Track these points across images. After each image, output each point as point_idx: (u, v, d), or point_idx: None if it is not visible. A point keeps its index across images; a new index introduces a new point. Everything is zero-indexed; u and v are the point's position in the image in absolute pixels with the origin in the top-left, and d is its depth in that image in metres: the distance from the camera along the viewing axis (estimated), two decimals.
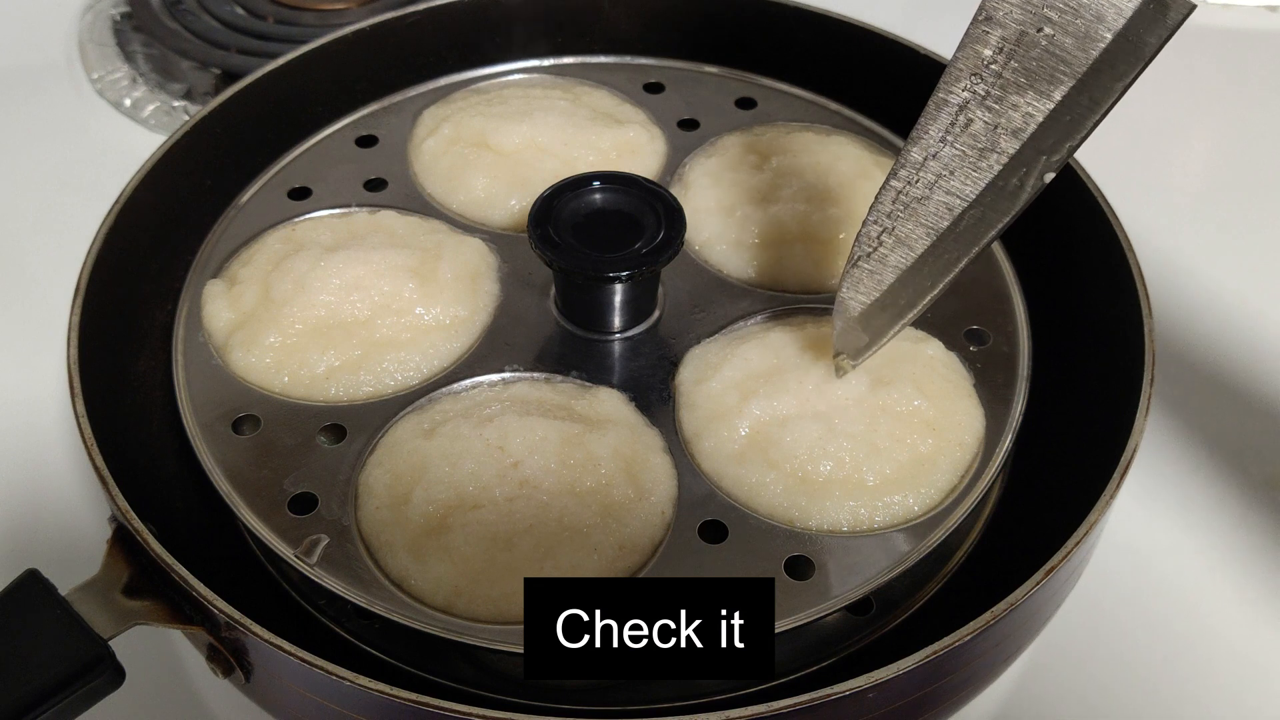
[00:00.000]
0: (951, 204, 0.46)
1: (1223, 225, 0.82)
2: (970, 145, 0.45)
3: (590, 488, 0.51)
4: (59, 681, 0.45)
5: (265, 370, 0.56)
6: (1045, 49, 0.42)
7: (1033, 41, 0.42)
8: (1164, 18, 0.41)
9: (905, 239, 0.48)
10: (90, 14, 0.94)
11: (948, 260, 0.48)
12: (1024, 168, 0.44)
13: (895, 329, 0.51)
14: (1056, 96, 0.43)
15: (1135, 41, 0.41)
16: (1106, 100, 0.42)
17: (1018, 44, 0.42)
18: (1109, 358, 0.57)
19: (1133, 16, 0.41)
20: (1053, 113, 0.43)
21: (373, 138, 0.68)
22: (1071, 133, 0.43)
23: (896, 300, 0.49)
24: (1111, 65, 0.42)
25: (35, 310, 0.75)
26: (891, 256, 0.48)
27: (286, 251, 0.60)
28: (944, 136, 0.45)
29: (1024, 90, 0.43)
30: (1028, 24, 0.42)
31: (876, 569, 0.50)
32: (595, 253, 0.55)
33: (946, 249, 0.47)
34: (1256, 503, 0.65)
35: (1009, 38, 0.43)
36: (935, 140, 0.45)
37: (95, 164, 0.83)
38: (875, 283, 0.49)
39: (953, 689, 0.49)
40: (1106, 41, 0.41)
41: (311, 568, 0.49)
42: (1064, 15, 0.42)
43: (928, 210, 0.47)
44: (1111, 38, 0.41)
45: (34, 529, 0.64)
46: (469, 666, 0.50)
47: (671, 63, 0.73)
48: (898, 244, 0.48)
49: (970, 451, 0.54)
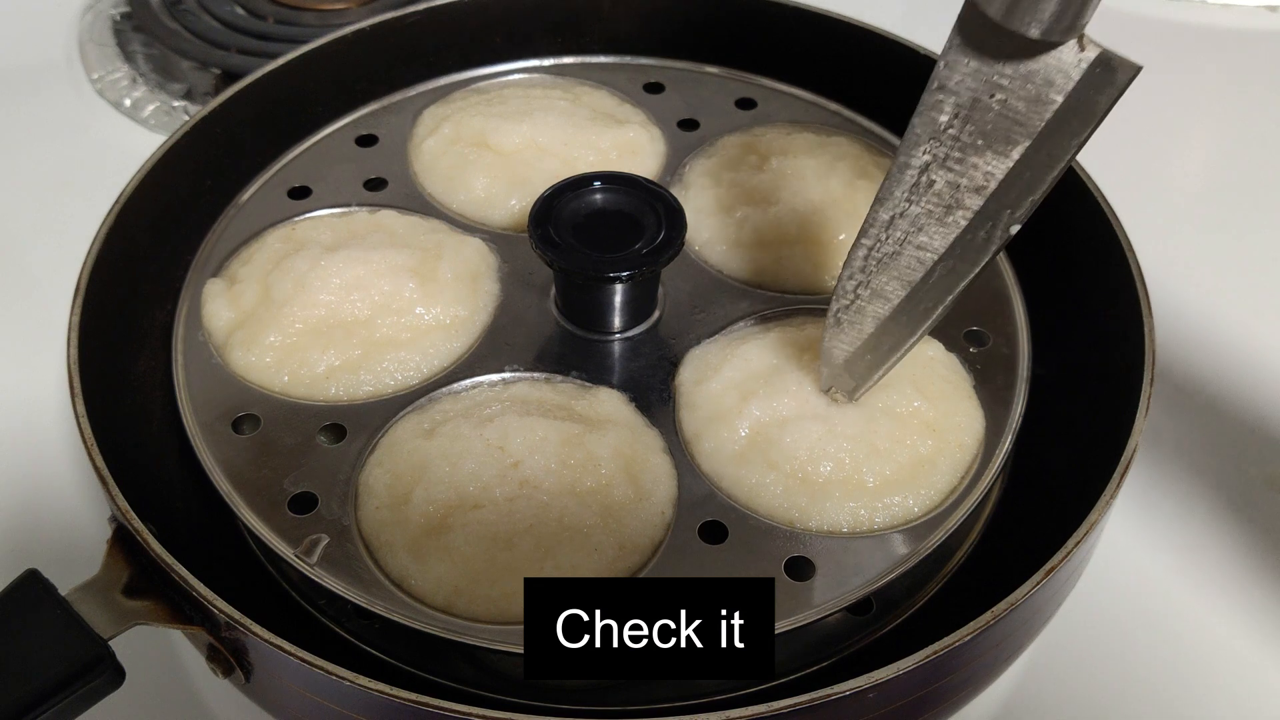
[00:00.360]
0: (923, 257, 0.47)
1: (1223, 225, 0.82)
2: (935, 203, 0.46)
3: (590, 488, 0.51)
4: (59, 681, 0.45)
5: (265, 369, 0.56)
6: (999, 113, 0.43)
7: (986, 106, 0.43)
8: (1112, 79, 0.42)
9: (881, 291, 0.49)
10: (90, 14, 0.94)
11: (925, 308, 0.49)
12: (990, 221, 0.45)
13: (880, 372, 0.52)
14: (1014, 155, 0.44)
15: (1086, 102, 0.42)
16: (1064, 156, 0.43)
17: (972, 109, 0.44)
18: (1109, 358, 0.57)
19: (1080, 80, 0.42)
20: (1012, 170, 0.44)
21: (373, 137, 0.68)
22: (1033, 188, 0.44)
23: (879, 346, 0.51)
24: (1065, 124, 0.43)
25: (35, 310, 0.75)
26: (869, 308, 0.50)
27: (286, 251, 0.60)
28: (909, 196, 0.46)
29: (982, 151, 0.44)
30: (980, 91, 0.43)
31: (876, 570, 0.50)
32: (596, 253, 0.55)
33: (922, 299, 0.48)
34: (1256, 504, 0.65)
35: (963, 104, 0.44)
36: (901, 200, 0.46)
37: (95, 164, 0.83)
38: (856, 332, 0.51)
39: (953, 689, 0.49)
40: (1057, 104, 0.43)
41: (311, 567, 0.49)
42: (1014, 81, 0.43)
43: (900, 264, 0.48)
44: (1062, 100, 0.42)
45: (34, 529, 0.64)
46: (469, 666, 0.50)
47: (672, 63, 0.73)
48: (874, 296, 0.49)
49: (970, 453, 0.54)
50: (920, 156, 0.45)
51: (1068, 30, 0.41)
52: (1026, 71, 0.42)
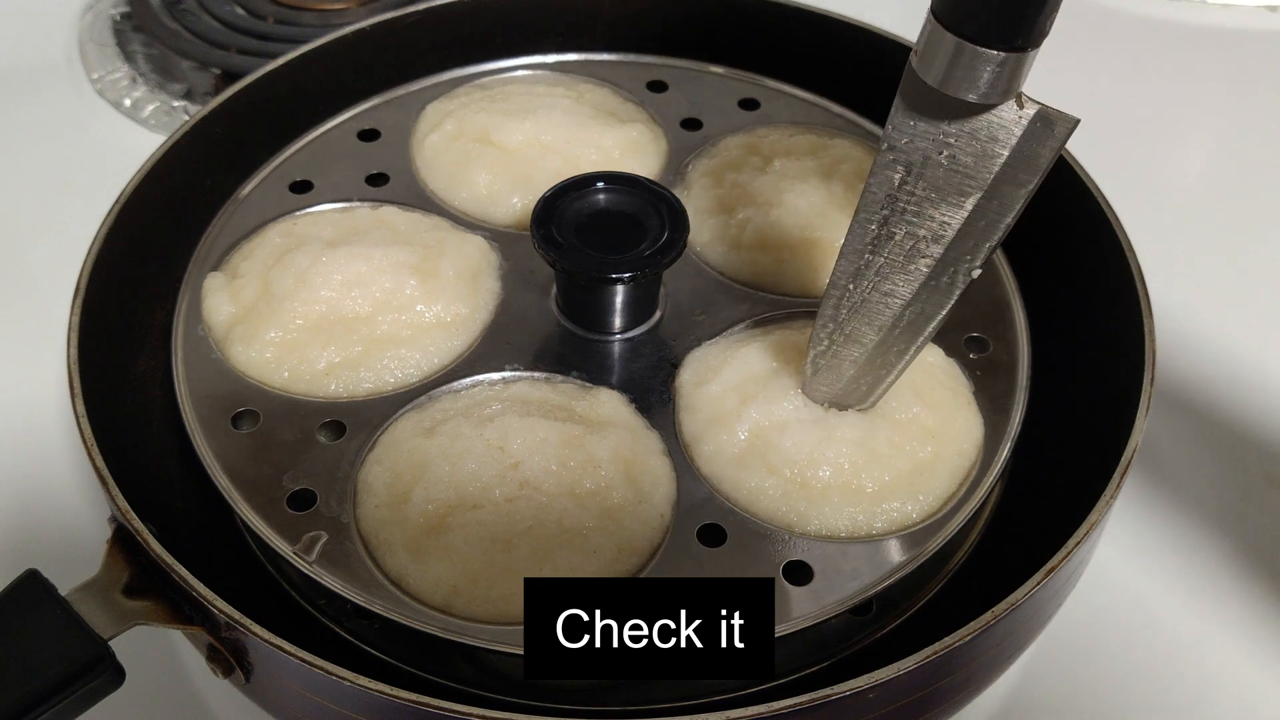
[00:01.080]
0: (890, 303, 0.49)
1: (1223, 225, 0.81)
2: (896, 253, 0.48)
3: (590, 490, 0.51)
4: (59, 681, 0.45)
5: (265, 365, 0.56)
6: (949, 168, 0.46)
7: (936, 163, 0.46)
8: (1051, 132, 0.44)
9: (854, 336, 0.51)
10: (90, 14, 0.94)
11: (899, 350, 0.51)
12: (951, 267, 0.48)
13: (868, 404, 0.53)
14: (968, 206, 0.46)
15: (1030, 154, 0.45)
16: (1014, 205, 0.46)
17: (924, 166, 0.46)
18: (1109, 358, 0.57)
19: (1023, 135, 0.44)
20: (967, 220, 0.46)
21: (375, 132, 0.68)
22: (988, 235, 0.47)
23: (857, 388, 0.53)
24: (1013, 176, 0.45)
25: (35, 310, 0.75)
26: (844, 351, 0.51)
27: (287, 246, 0.60)
28: (872, 248, 0.48)
29: (937, 204, 0.47)
30: (929, 149, 0.46)
31: (874, 576, 0.50)
32: (598, 254, 0.55)
33: (895, 342, 0.51)
34: (1256, 503, 0.65)
35: (914, 162, 0.46)
36: (865, 252, 0.49)
37: (95, 164, 0.83)
38: (835, 375, 0.52)
39: (953, 689, 0.49)
40: (1003, 157, 0.45)
41: (309, 565, 0.49)
42: (960, 139, 0.45)
43: (870, 310, 0.50)
44: (1008, 154, 0.45)
45: (34, 529, 0.64)
46: (469, 666, 0.50)
47: (675, 62, 0.73)
48: (848, 340, 0.51)
49: (969, 459, 0.53)
50: (879, 212, 0.48)
51: (1004, 93, 0.43)
52: (971, 129, 0.45)
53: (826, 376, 0.52)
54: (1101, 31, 0.96)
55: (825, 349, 0.52)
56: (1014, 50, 0.41)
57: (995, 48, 0.41)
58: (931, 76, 0.43)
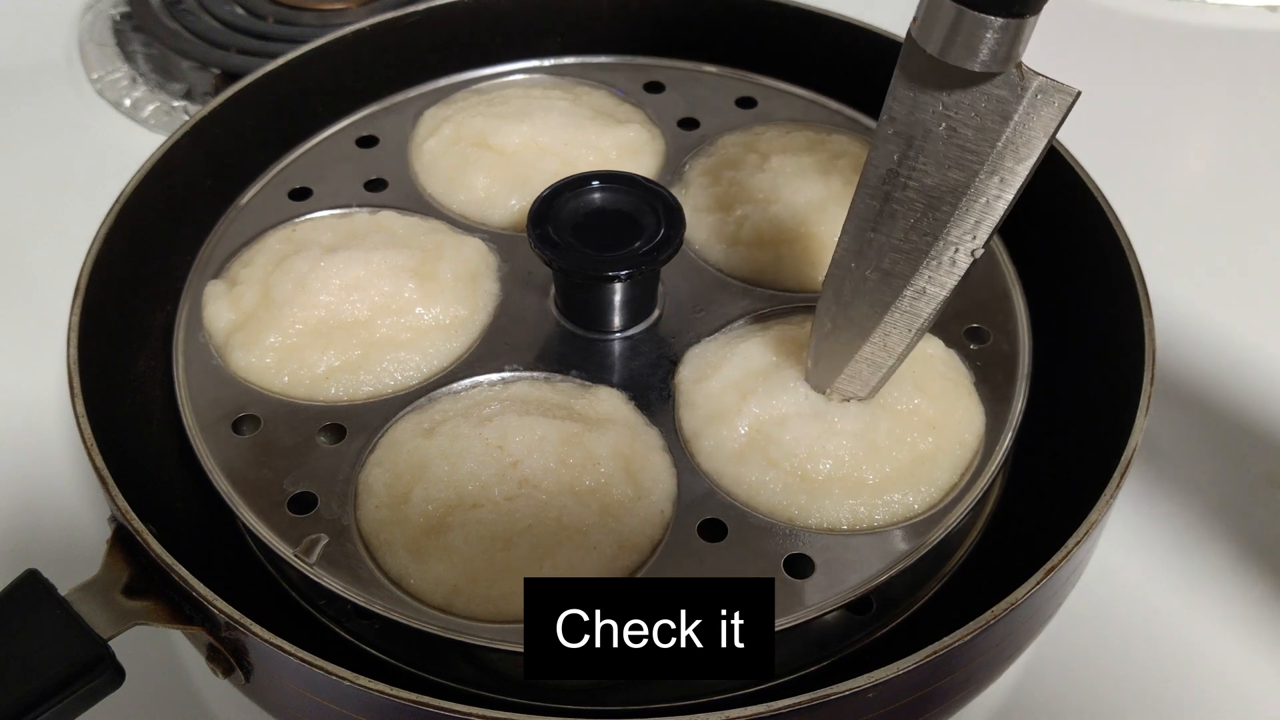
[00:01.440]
0: (893, 284, 0.49)
1: (1223, 225, 0.81)
2: (898, 231, 0.48)
3: (589, 487, 0.51)
4: (59, 681, 0.45)
5: (265, 370, 0.56)
6: (949, 141, 0.45)
7: (936, 136, 0.45)
8: (1052, 104, 0.43)
9: (856, 320, 0.50)
10: (90, 14, 0.94)
11: (900, 333, 0.50)
12: (953, 246, 0.47)
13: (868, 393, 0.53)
14: (968, 181, 0.46)
15: (1030, 128, 0.44)
16: (1016, 181, 0.45)
17: (924, 139, 0.45)
18: (1109, 357, 0.57)
19: (1024, 107, 0.44)
20: (969, 196, 0.46)
21: (373, 138, 0.68)
22: (990, 212, 0.46)
23: (860, 374, 0.52)
24: (1013, 150, 0.45)
25: (35, 310, 0.75)
26: (845, 335, 0.51)
27: (287, 252, 0.60)
28: (873, 227, 0.48)
29: (936, 179, 0.46)
30: (929, 121, 0.45)
31: (876, 567, 0.50)
32: (595, 252, 0.55)
33: (897, 324, 0.50)
34: (1256, 502, 0.65)
35: (915, 135, 0.46)
36: (867, 230, 0.48)
37: (95, 164, 0.83)
38: (837, 362, 0.52)
39: (953, 689, 0.49)
40: (1004, 131, 0.44)
41: (311, 567, 0.49)
42: (960, 110, 0.45)
43: (871, 292, 0.49)
44: (1009, 128, 0.44)
45: (34, 529, 0.64)
46: (469, 666, 0.50)
47: (672, 62, 0.73)
48: (850, 324, 0.50)
49: (970, 450, 0.54)
50: (879, 188, 0.47)
51: (1004, 61, 0.42)
52: (970, 101, 0.44)
53: (829, 362, 0.52)
54: (1101, 31, 0.96)
55: (828, 331, 0.51)
56: (1013, 16, 0.41)
57: (995, 13, 0.41)
58: (931, 45, 0.43)
